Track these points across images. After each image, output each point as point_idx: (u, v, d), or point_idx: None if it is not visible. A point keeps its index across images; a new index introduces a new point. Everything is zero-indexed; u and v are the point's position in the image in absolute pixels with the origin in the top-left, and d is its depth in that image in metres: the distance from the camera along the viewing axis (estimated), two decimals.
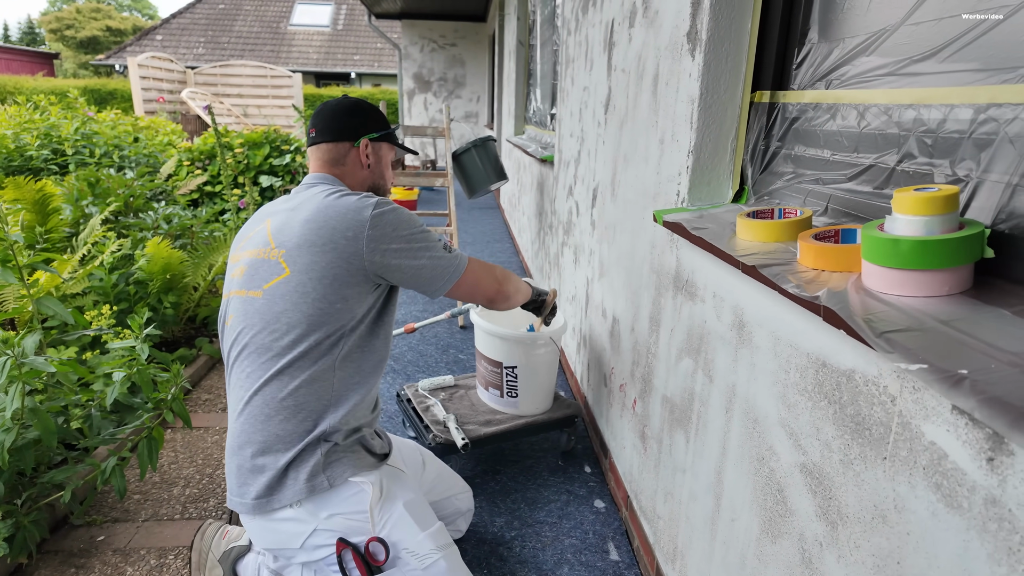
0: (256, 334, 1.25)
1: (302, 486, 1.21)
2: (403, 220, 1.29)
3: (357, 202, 1.27)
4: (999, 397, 0.49)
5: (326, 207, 1.26)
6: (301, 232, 1.25)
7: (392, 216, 1.27)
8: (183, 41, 17.84)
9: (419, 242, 1.29)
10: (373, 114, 1.44)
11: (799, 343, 0.90)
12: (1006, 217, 0.70)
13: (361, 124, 1.41)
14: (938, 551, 0.64)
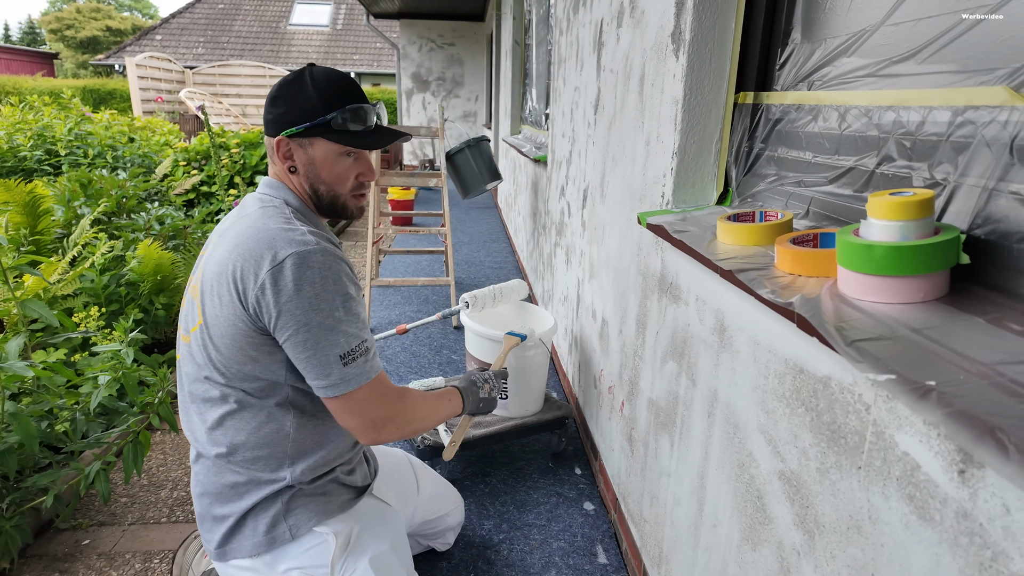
0: (191, 383, 1.13)
1: (260, 538, 1.11)
2: (303, 296, 0.99)
3: (264, 245, 1.00)
4: (965, 410, 0.48)
5: (236, 245, 1.03)
6: (212, 272, 1.05)
7: (291, 284, 0.98)
8: (183, 41, 17.82)
9: (311, 331, 1.00)
10: (300, 97, 1.07)
11: (777, 348, 0.88)
12: (982, 222, 0.68)
13: (280, 115, 1.07)
14: (911, 564, 0.62)
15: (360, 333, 1.05)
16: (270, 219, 1.05)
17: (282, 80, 1.10)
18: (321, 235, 1.07)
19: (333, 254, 1.04)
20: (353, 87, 1.12)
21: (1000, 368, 0.52)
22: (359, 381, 1.05)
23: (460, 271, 4.58)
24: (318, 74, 1.09)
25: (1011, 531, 0.51)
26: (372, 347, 1.08)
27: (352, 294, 1.05)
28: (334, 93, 1.08)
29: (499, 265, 4.80)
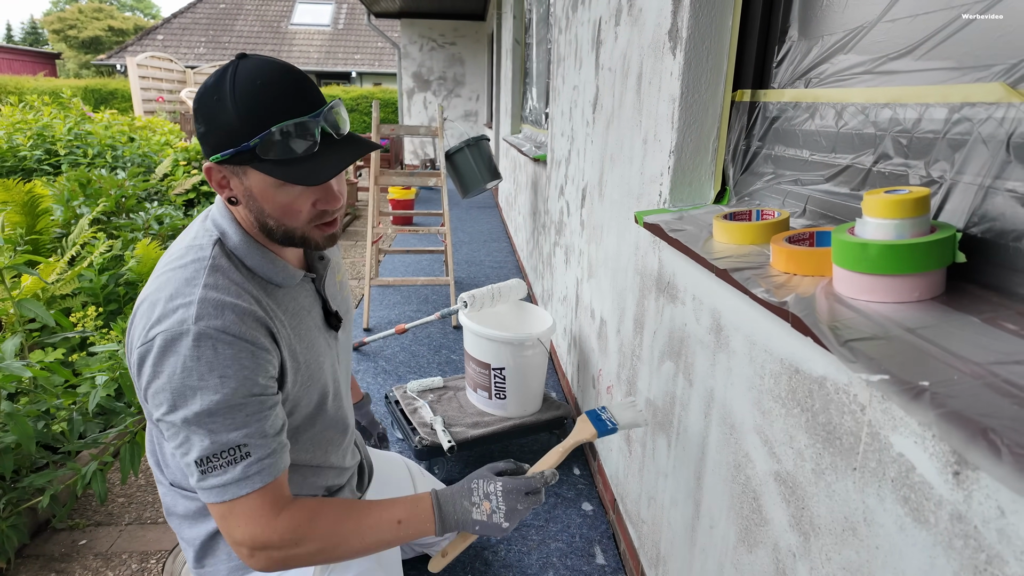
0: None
1: (236, 564, 1.06)
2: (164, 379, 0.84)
3: (145, 315, 0.88)
4: (958, 411, 0.47)
5: (143, 293, 0.93)
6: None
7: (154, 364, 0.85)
8: (184, 41, 17.85)
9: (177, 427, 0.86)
10: (219, 114, 0.84)
11: (773, 348, 0.87)
12: (979, 220, 0.67)
13: (202, 135, 0.88)
14: (905, 567, 0.62)
15: (230, 436, 0.85)
16: (177, 270, 0.90)
17: (204, 84, 0.87)
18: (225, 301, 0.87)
19: (213, 337, 0.84)
20: (288, 92, 0.85)
21: (994, 368, 0.51)
22: (220, 495, 0.86)
23: (460, 270, 4.57)
24: (241, 78, 0.84)
25: (1006, 534, 0.50)
26: (256, 451, 0.87)
27: (229, 387, 0.84)
28: (258, 107, 0.83)
29: (499, 264, 4.79)
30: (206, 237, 0.94)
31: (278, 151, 0.85)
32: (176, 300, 0.87)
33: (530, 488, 1.00)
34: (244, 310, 0.89)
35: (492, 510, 0.97)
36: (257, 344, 0.89)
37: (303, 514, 0.90)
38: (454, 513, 0.97)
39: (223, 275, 0.91)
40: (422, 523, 0.96)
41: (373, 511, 0.95)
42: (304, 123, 0.85)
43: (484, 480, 1.00)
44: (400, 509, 0.96)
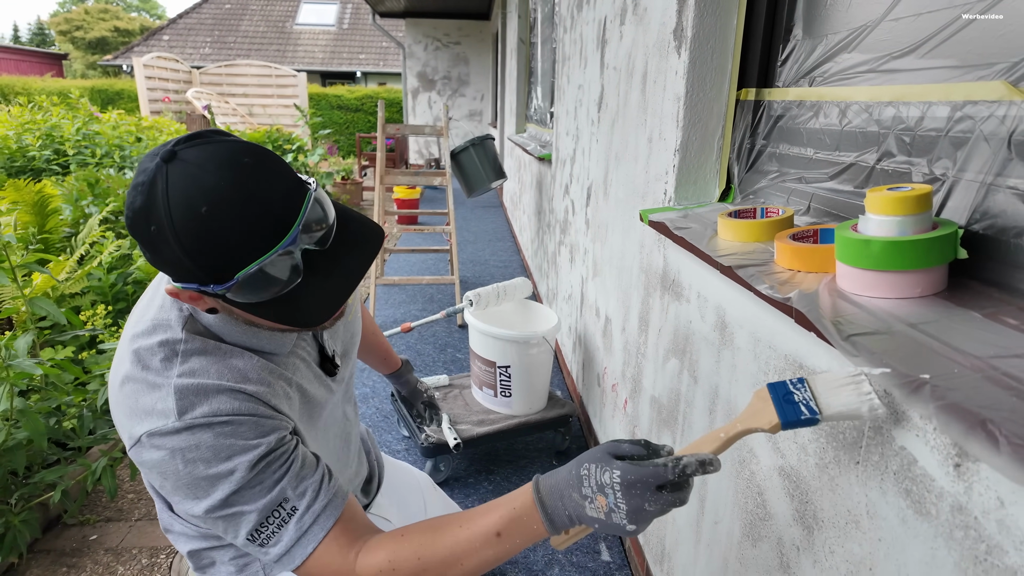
0: None
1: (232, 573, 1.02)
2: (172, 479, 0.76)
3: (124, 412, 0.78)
4: (957, 403, 0.48)
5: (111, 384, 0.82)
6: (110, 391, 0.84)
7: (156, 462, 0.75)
8: (190, 41, 17.92)
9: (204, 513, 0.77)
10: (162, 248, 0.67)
11: (777, 344, 0.88)
12: (980, 217, 0.68)
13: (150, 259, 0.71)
14: (907, 559, 0.63)
15: (268, 500, 0.77)
16: (144, 355, 0.78)
17: (132, 204, 0.67)
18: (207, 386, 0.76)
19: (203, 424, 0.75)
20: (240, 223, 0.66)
21: (994, 362, 0.52)
22: (290, 563, 0.79)
23: (465, 270, 4.59)
24: (177, 205, 0.65)
25: (1005, 524, 0.51)
26: (300, 500, 0.79)
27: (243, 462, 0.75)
28: (210, 251, 0.66)
29: (504, 264, 4.80)
30: (172, 312, 0.80)
31: (252, 293, 0.69)
32: (152, 396, 0.76)
33: (661, 480, 0.66)
34: (229, 389, 0.78)
35: (610, 507, 0.68)
36: (256, 414, 0.79)
37: (383, 552, 0.78)
38: (564, 508, 0.73)
39: (199, 358, 0.78)
40: (526, 527, 0.75)
41: (464, 528, 0.77)
42: (274, 259, 0.67)
43: (598, 466, 0.70)
44: (495, 517, 0.76)
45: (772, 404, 0.68)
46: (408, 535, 0.79)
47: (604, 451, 0.72)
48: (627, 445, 0.71)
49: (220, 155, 0.67)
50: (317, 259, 0.71)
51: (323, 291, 0.72)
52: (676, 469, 0.66)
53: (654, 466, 0.67)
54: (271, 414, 0.81)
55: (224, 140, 0.69)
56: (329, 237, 0.72)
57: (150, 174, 0.66)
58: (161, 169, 0.66)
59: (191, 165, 0.66)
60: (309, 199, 0.70)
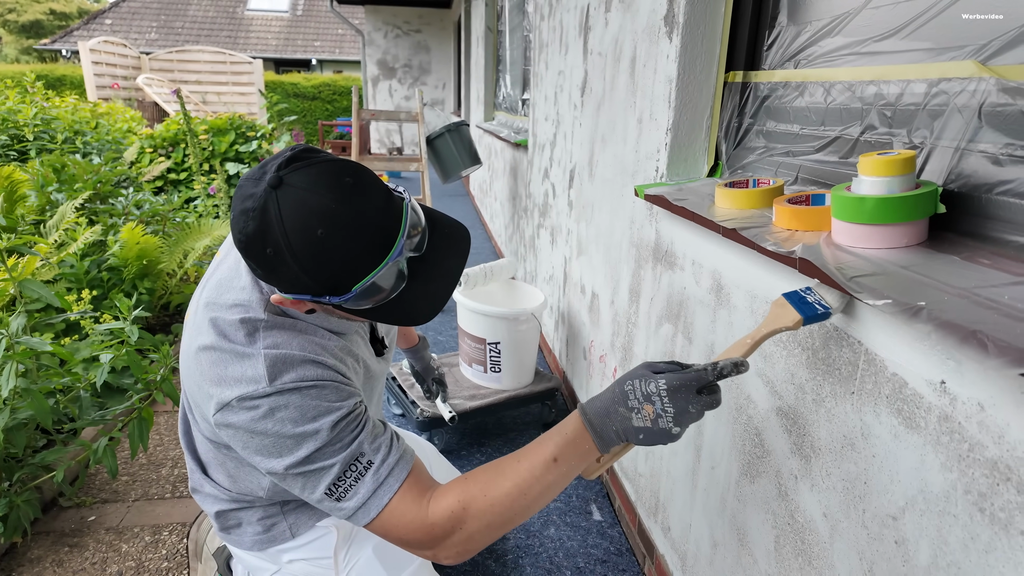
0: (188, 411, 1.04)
1: (259, 536, 1.08)
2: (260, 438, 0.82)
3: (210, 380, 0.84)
4: (951, 321, 0.58)
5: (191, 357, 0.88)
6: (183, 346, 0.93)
7: (245, 425, 0.82)
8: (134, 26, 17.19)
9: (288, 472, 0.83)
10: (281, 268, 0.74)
11: (774, 299, 0.98)
12: (955, 178, 0.79)
13: (263, 276, 0.78)
14: (899, 468, 0.73)
15: (347, 453, 0.82)
16: (229, 330, 0.84)
17: (244, 230, 0.73)
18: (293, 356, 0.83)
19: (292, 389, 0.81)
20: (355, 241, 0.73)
21: (976, 291, 0.63)
22: (366, 515, 0.84)
23: None
24: (292, 228, 0.71)
25: (985, 424, 0.62)
26: (376, 455, 0.84)
27: (327, 422, 0.81)
28: (328, 268, 0.73)
29: (475, 250, 4.86)
30: (254, 295, 0.87)
31: (364, 301, 0.77)
32: (242, 365, 0.82)
33: (702, 383, 0.76)
34: (315, 357, 0.85)
35: (657, 414, 0.76)
36: (336, 380, 0.86)
37: (452, 496, 0.83)
38: (611, 424, 0.79)
39: (280, 332, 0.85)
40: (579, 449, 0.81)
41: (522, 461, 0.83)
42: (389, 267, 0.75)
43: (641, 380, 0.77)
44: (550, 445, 0.82)
45: (791, 307, 0.80)
46: (471, 477, 0.85)
47: (644, 368, 0.80)
48: (662, 364, 0.80)
49: (325, 178, 0.73)
50: (417, 264, 0.80)
51: (426, 291, 0.80)
52: (714, 371, 0.76)
53: (695, 371, 0.77)
54: (348, 382, 0.88)
55: (323, 160, 0.75)
56: (425, 241, 0.81)
57: (260, 200, 0.72)
58: (271, 195, 0.71)
59: (300, 190, 0.72)
60: (407, 210, 0.78)
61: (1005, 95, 0.73)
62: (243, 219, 0.73)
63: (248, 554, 1.15)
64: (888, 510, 0.75)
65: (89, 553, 1.64)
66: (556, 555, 1.67)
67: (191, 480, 1.13)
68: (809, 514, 0.91)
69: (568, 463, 0.82)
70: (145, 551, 1.65)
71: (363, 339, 1.02)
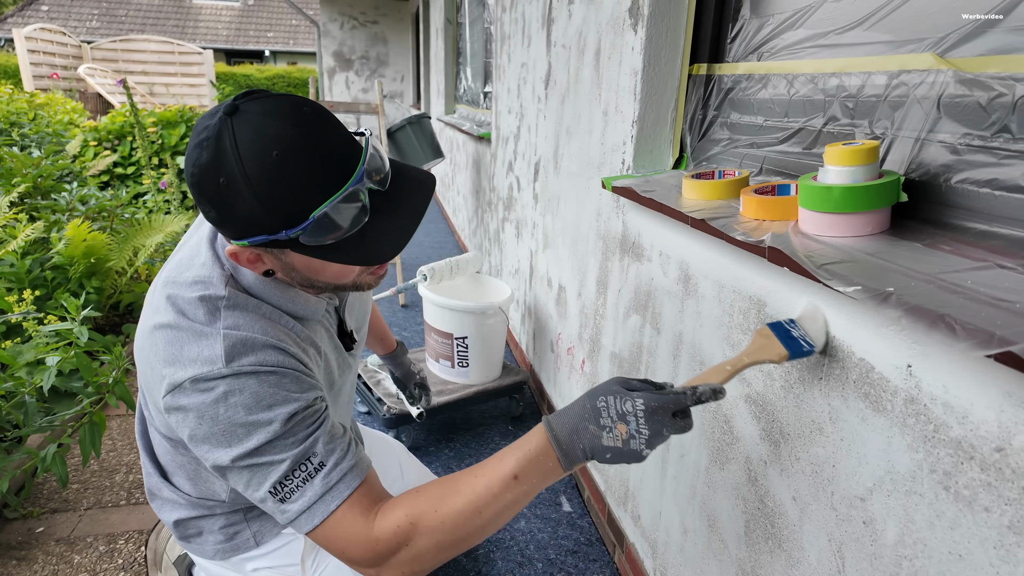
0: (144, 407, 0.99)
1: (222, 545, 1.04)
2: (208, 424, 0.77)
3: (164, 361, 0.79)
4: (919, 306, 0.60)
5: (145, 329, 0.83)
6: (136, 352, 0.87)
7: (195, 409, 0.77)
8: (73, 13, 16.41)
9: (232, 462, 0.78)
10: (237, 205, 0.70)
11: (741, 288, 1.00)
12: (916, 167, 0.82)
13: (217, 220, 0.73)
14: (867, 450, 0.75)
15: (299, 450, 0.77)
16: (187, 307, 0.80)
17: (196, 157, 0.70)
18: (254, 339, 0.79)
19: (250, 373, 0.77)
20: (311, 166, 0.70)
21: (940, 276, 0.65)
22: (309, 521, 0.78)
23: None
24: (247, 153, 0.67)
25: (950, 405, 0.64)
26: (329, 458, 0.79)
27: (282, 413, 0.77)
28: (285, 195, 0.69)
29: (438, 245, 4.82)
30: (215, 272, 0.83)
31: (323, 234, 0.72)
32: (199, 344, 0.78)
33: (679, 406, 0.74)
34: (276, 343, 0.81)
35: (630, 434, 0.73)
36: (298, 369, 0.82)
37: (400, 510, 0.78)
38: (579, 442, 0.75)
39: (242, 313, 0.81)
40: (542, 467, 0.77)
41: (479, 477, 0.77)
42: (349, 195, 0.71)
43: (616, 397, 0.74)
44: (511, 461, 0.77)
45: (777, 340, 0.80)
46: (423, 491, 0.80)
47: (617, 384, 0.77)
48: (635, 381, 0.77)
49: (282, 106, 0.70)
50: (380, 200, 0.76)
51: (391, 227, 0.76)
52: (693, 396, 0.74)
53: (674, 394, 0.74)
54: (309, 372, 0.84)
55: (281, 95, 0.72)
56: (388, 180, 0.78)
57: (214, 129, 0.68)
58: (226, 123, 0.68)
59: (256, 115, 0.69)
60: (368, 144, 0.74)
61: (962, 87, 0.75)
62: (196, 152, 0.70)
63: (210, 563, 1.10)
64: (856, 491, 0.77)
65: (39, 566, 1.56)
66: (527, 548, 1.67)
67: (147, 484, 1.07)
68: (779, 498, 0.93)
69: (529, 481, 0.76)
70: (100, 561, 1.58)
71: (328, 332, 0.97)
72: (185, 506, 1.05)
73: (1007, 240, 0.69)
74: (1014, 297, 0.58)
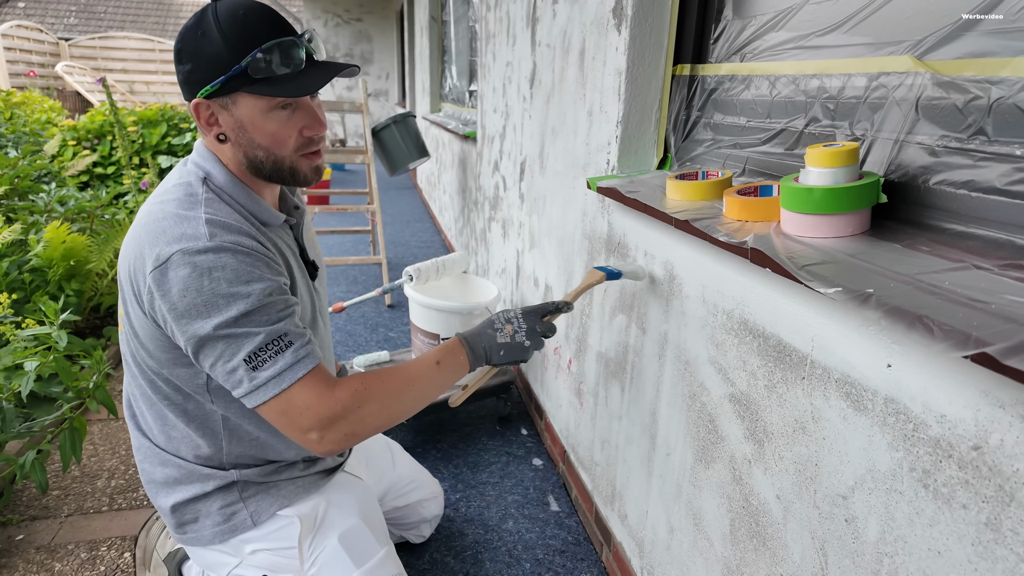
0: (127, 369, 1.06)
1: (220, 527, 1.08)
2: (193, 294, 0.86)
3: (150, 243, 0.89)
4: (898, 307, 0.60)
5: (133, 235, 0.94)
6: (121, 262, 0.97)
7: (179, 282, 0.86)
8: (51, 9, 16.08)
9: (211, 342, 0.88)
10: (206, 46, 0.89)
11: (725, 288, 1.01)
12: (895, 169, 0.83)
13: (189, 72, 0.92)
14: (848, 449, 0.76)
15: (273, 327, 0.89)
16: (170, 203, 0.93)
17: (184, 26, 0.93)
18: (230, 224, 0.92)
19: (231, 249, 0.88)
20: (268, 19, 0.91)
21: (919, 277, 0.66)
22: (277, 386, 0.89)
23: (387, 251, 4.55)
24: (223, 12, 0.89)
25: (928, 404, 0.64)
26: (297, 339, 0.91)
27: (258, 288, 0.89)
28: (245, 32, 0.89)
29: (425, 244, 4.81)
30: (192, 176, 0.98)
31: (266, 70, 0.91)
32: (178, 227, 0.89)
33: (545, 311, 1.13)
34: (249, 232, 0.94)
35: (514, 331, 1.07)
36: (270, 257, 0.95)
37: (355, 381, 0.96)
38: (481, 342, 1.06)
39: (219, 205, 0.95)
40: (456, 359, 1.04)
41: (412, 363, 1.02)
42: (289, 41, 0.92)
43: (502, 313, 1.11)
44: (435, 353, 1.03)
45: (597, 271, 1.25)
46: (370, 373, 0.99)
47: (499, 313, 1.12)
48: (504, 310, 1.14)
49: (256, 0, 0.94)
50: (311, 62, 0.96)
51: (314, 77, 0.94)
52: (552, 305, 1.16)
53: (540, 304, 1.16)
54: (279, 263, 0.97)
55: None
56: (318, 54, 0.98)
57: (201, 8, 0.92)
58: (211, 4, 0.92)
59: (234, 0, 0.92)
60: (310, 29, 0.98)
61: (940, 89, 0.76)
62: (185, 26, 0.92)
63: (207, 550, 1.12)
64: (838, 490, 0.78)
65: (19, 575, 1.53)
66: (515, 548, 1.67)
67: (142, 469, 1.10)
68: (763, 497, 0.93)
69: (447, 368, 1.02)
70: (81, 569, 1.56)
71: (292, 252, 1.09)
72: (179, 482, 1.07)
73: (983, 241, 0.70)
74: (989, 298, 0.59)
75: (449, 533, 1.72)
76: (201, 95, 0.92)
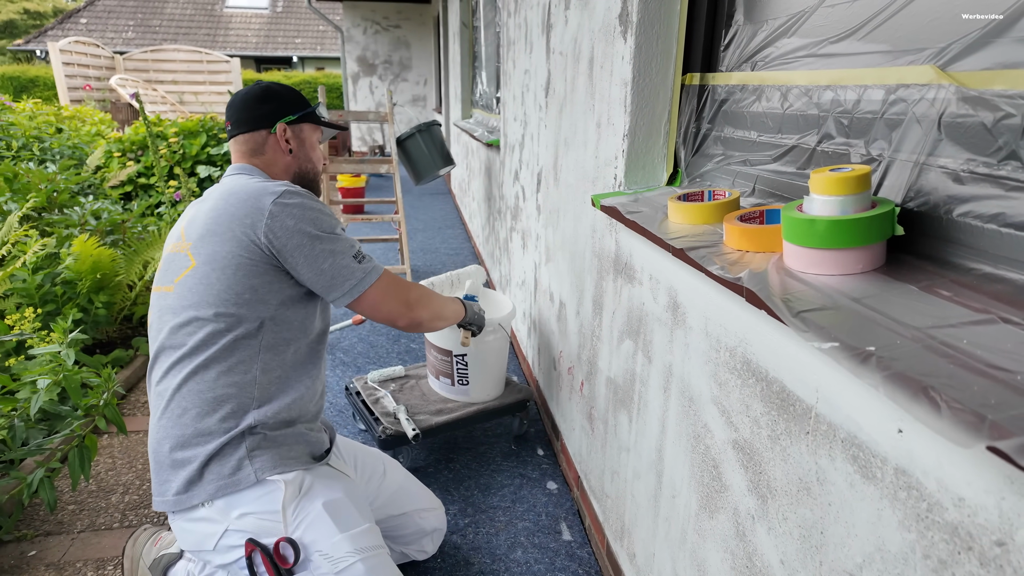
0: (169, 332, 1.19)
1: (224, 480, 1.15)
2: (308, 214, 1.19)
3: (260, 189, 1.19)
4: (901, 372, 0.51)
5: (229, 195, 1.21)
6: (204, 222, 1.20)
7: (296, 208, 1.18)
8: (110, 25, 16.88)
9: (323, 242, 1.20)
10: (287, 96, 1.38)
11: (727, 323, 0.91)
12: (915, 195, 0.72)
13: (275, 109, 1.35)
14: (855, 520, 0.66)
15: (358, 248, 1.27)
16: (253, 180, 1.25)
17: (256, 88, 1.36)
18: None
19: (310, 198, 1.24)
20: (299, 97, 1.43)
21: (931, 332, 0.56)
22: (378, 272, 1.27)
23: (416, 258, 4.53)
24: (275, 86, 1.40)
25: (944, 483, 0.54)
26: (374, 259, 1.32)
27: (339, 225, 1.26)
28: (301, 95, 1.41)
29: (455, 251, 4.77)
30: (251, 172, 1.32)
31: (317, 115, 1.43)
32: (273, 183, 1.22)
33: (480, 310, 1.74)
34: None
35: (479, 309, 1.72)
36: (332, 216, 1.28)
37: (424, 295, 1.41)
38: (470, 308, 1.67)
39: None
40: (459, 308, 1.60)
41: (438, 303, 1.47)
42: (319, 108, 1.44)
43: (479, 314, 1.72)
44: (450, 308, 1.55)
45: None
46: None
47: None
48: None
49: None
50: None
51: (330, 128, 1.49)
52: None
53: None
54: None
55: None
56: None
57: (256, 83, 1.39)
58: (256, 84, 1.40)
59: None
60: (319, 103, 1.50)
61: (965, 105, 0.66)
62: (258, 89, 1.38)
63: (196, 522, 1.17)
64: (845, 565, 0.68)
65: None
66: None
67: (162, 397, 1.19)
68: (767, 559, 0.84)
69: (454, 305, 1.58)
70: None
71: None
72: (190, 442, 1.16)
73: (1013, 286, 0.60)
74: (1015, 365, 0.48)
75: (454, 561, 1.66)
76: (285, 121, 1.36)
